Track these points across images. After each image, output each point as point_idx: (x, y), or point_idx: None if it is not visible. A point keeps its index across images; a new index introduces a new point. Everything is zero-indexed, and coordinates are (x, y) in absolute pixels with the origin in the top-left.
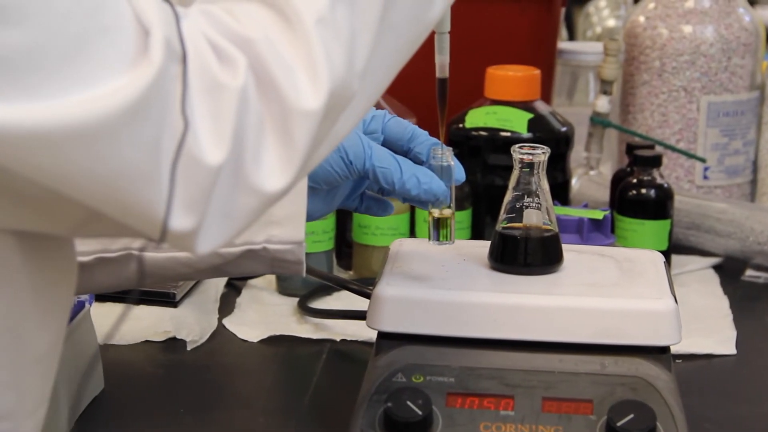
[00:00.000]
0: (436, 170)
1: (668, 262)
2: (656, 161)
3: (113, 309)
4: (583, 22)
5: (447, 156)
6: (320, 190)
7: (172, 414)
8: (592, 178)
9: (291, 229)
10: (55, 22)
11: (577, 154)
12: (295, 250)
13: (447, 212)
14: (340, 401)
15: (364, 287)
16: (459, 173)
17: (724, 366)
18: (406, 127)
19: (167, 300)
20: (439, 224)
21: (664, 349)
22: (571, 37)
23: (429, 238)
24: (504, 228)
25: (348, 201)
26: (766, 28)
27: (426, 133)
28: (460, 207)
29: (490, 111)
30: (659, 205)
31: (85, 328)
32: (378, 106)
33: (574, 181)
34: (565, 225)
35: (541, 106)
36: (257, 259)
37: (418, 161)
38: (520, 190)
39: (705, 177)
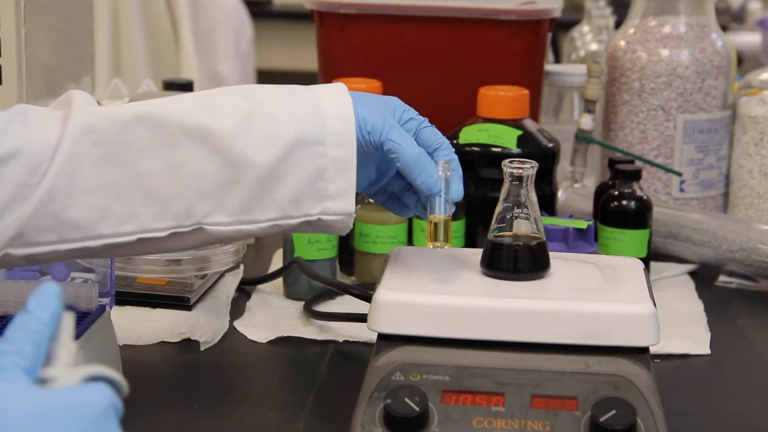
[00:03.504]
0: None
1: (647, 269)
2: (636, 175)
3: (132, 312)
4: (568, 46)
5: (444, 169)
6: None
7: (187, 409)
8: (576, 191)
9: (343, 202)
10: None
11: (563, 168)
12: (346, 220)
13: (441, 217)
14: (342, 398)
15: (365, 292)
16: (456, 192)
17: (699, 365)
18: (437, 138)
19: (182, 303)
20: (436, 228)
21: (644, 350)
22: (557, 59)
23: (427, 241)
24: (495, 237)
25: (375, 192)
26: (737, 52)
27: (452, 148)
28: (454, 217)
29: (482, 128)
30: (639, 216)
31: (106, 331)
32: None
33: (560, 194)
34: (552, 234)
35: (530, 124)
36: (310, 226)
37: None
38: (510, 202)
39: (681, 190)
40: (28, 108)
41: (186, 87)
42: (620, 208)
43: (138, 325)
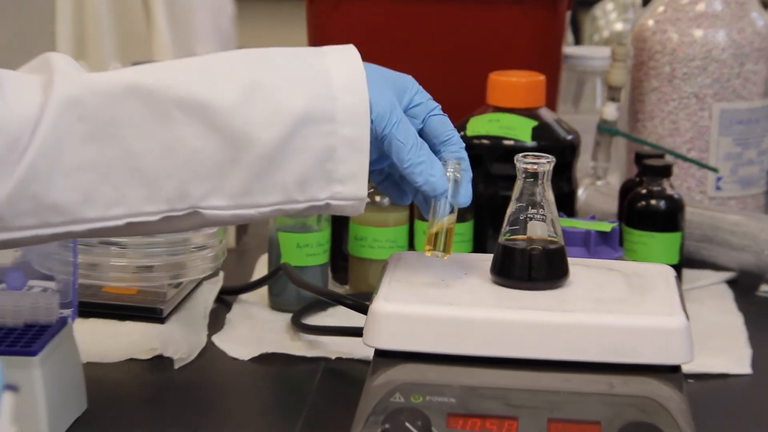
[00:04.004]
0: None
1: (679, 277)
2: (666, 171)
3: (98, 326)
4: (589, 26)
5: (454, 170)
6: None
7: None
8: (599, 189)
9: (354, 186)
10: None
11: (584, 163)
12: (357, 205)
13: (444, 223)
14: (335, 423)
15: (361, 302)
16: (464, 196)
17: (738, 386)
18: (446, 129)
19: (154, 316)
20: (437, 236)
21: (676, 369)
22: (577, 41)
23: (425, 249)
24: (507, 240)
25: (371, 172)
26: None
27: (462, 144)
28: (461, 218)
29: (492, 118)
30: (670, 217)
31: (67, 346)
32: None
33: (580, 192)
34: (571, 238)
35: (546, 114)
36: (318, 211)
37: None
38: (523, 201)
39: (717, 188)
40: (2, 73)
41: None
42: (648, 209)
43: (104, 340)
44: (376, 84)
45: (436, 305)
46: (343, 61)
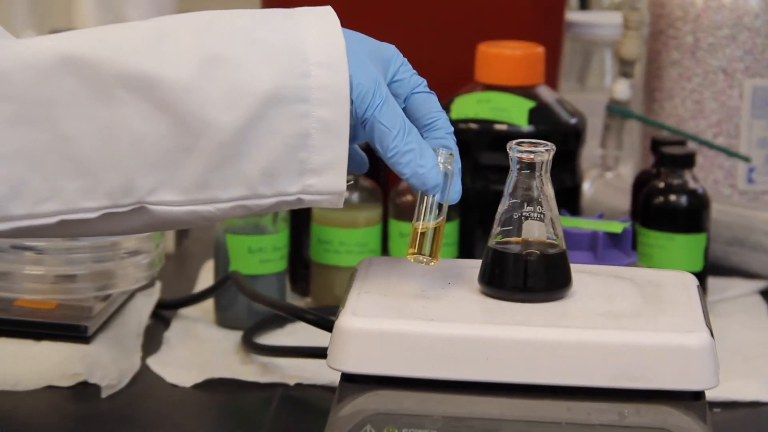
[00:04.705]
0: None
1: (703, 287)
2: (688, 161)
3: (9, 346)
4: None
5: (445, 162)
6: None
7: None
8: (608, 182)
9: (331, 177)
10: None
11: (590, 151)
12: (334, 200)
13: (432, 223)
14: None
15: (325, 317)
16: (455, 192)
17: None
18: (431, 110)
19: (77, 334)
20: (423, 237)
21: (698, 395)
22: (583, 5)
23: (408, 253)
24: (498, 244)
25: None
26: None
27: (450, 128)
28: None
29: (481, 98)
30: (692, 216)
31: None
32: None
33: (586, 186)
34: (575, 240)
35: (546, 93)
36: (288, 206)
37: None
38: (518, 197)
39: (750, 180)
40: None
41: None
42: (667, 205)
43: (17, 364)
44: (357, 56)
45: (414, 321)
46: (319, 27)
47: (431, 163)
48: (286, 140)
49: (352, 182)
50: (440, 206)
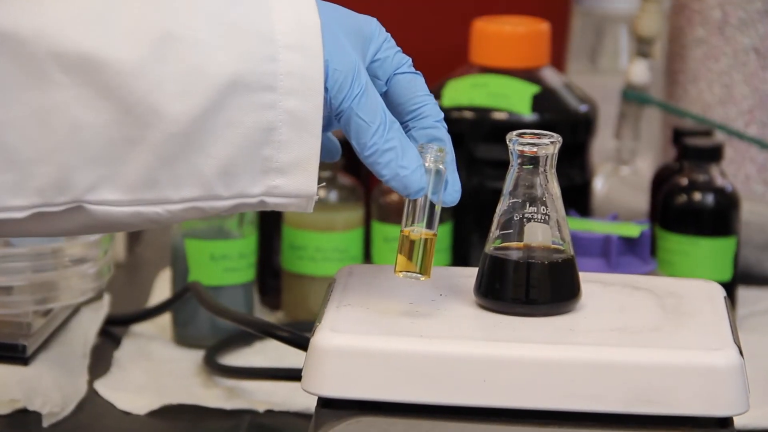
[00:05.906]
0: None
1: (731, 298)
2: (716, 154)
3: None
4: None
5: (436, 160)
6: None
7: None
8: (624, 179)
9: (299, 178)
10: None
11: (603, 143)
12: (302, 204)
13: (423, 233)
14: None
15: (299, 334)
16: (449, 194)
17: None
18: (417, 94)
19: (14, 355)
20: (412, 248)
21: (725, 422)
22: None
23: (395, 268)
24: (497, 249)
25: None
26: None
27: (439, 115)
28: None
29: (478, 82)
30: (720, 217)
31: None
32: None
33: (597, 183)
34: (585, 245)
35: (551, 76)
36: (249, 208)
37: None
38: (519, 196)
39: None
40: None
41: None
42: (691, 206)
43: None
44: (334, 37)
45: (401, 338)
46: (291, 3)
47: (414, 164)
48: (248, 134)
49: (324, 184)
50: (433, 209)
